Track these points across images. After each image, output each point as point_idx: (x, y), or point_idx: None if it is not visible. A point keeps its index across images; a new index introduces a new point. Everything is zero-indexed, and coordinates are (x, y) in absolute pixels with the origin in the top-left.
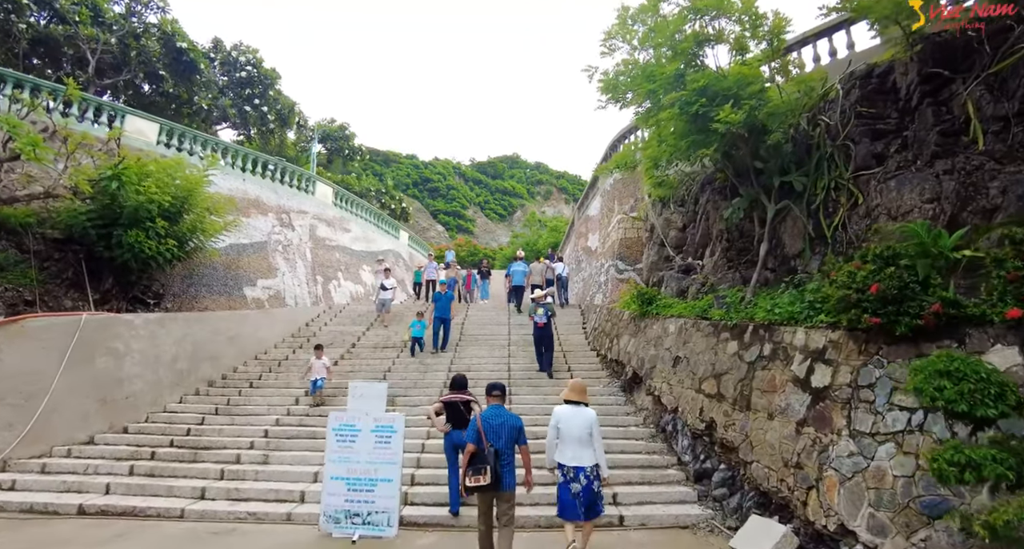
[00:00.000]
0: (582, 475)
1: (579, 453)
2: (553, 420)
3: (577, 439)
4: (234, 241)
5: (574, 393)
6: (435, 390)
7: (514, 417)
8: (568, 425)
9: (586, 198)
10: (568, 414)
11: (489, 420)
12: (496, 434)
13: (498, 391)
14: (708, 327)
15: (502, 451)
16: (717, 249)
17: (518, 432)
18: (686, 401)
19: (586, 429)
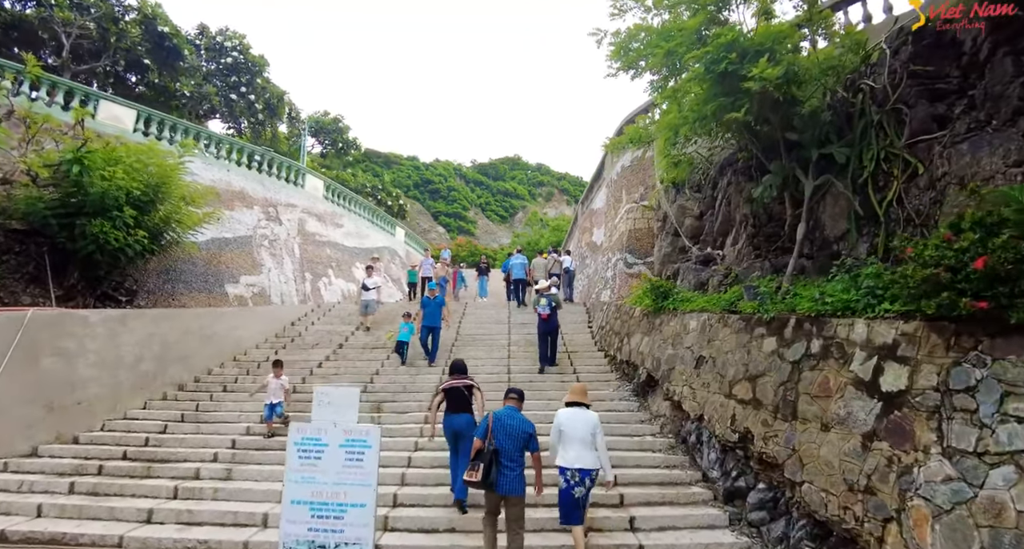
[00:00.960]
0: (587, 479)
1: (583, 455)
2: (556, 422)
3: (580, 441)
4: (216, 235)
5: (575, 395)
6: (425, 396)
7: (527, 423)
8: (571, 427)
9: (590, 191)
10: (570, 416)
11: (502, 419)
12: (505, 435)
13: (515, 395)
14: (738, 322)
15: (508, 453)
16: (741, 236)
17: (528, 438)
18: (713, 408)
19: (589, 431)
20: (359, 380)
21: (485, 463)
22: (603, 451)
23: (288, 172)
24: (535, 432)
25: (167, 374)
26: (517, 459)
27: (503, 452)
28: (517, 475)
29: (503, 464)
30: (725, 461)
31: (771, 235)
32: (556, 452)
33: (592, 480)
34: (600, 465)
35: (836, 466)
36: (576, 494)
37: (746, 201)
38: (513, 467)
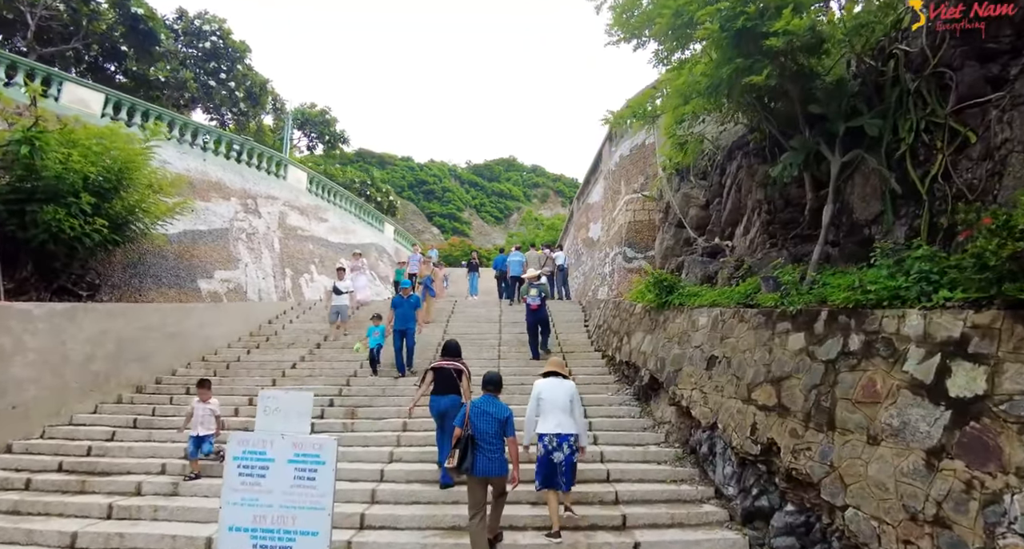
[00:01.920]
0: (565, 444)
1: (562, 421)
2: (534, 392)
3: (560, 408)
4: (189, 227)
5: (554, 367)
6: (406, 400)
7: (504, 409)
8: (551, 395)
9: (586, 185)
10: (549, 385)
11: (479, 407)
12: (482, 421)
13: (492, 385)
14: (757, 317)
15: (488, 439)
16: (754, 224)
17: (504, 423)
18: (729, 414)
19: (567, 398)
20: (335, 382)
21: (461, 449)
22: (580, 418)
23: (269, 163)
24: (512, 417)
25: (123, 375)
26: (495, 443)
27: (481, 437)
28: (497, 457)
29: (481, 448)
30: (743, 476)
31: (788, 222)
32: (533, 424)
33: (571, 446)
34: (577, 431)
35: (891, 489)
36: (555, 459)
37: (759, 185)
38: (492, 450)
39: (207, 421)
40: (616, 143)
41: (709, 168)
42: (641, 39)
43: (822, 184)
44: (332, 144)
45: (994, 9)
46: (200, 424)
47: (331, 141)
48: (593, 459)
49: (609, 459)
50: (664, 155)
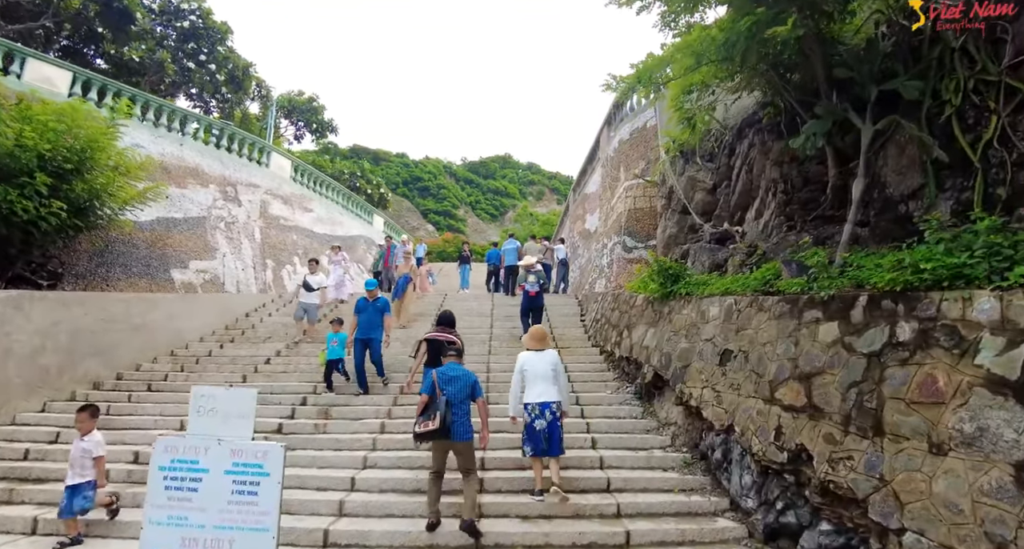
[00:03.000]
0: (547, 411)
1: (545, 389)
2: (518, 365)
3: (543, 377)
4: (163, 214)
5: (535, 341)
6: (387, 398)
7: (469, 373)
8: (534, 366)
9: (583, 175)
10: (532, 357)
11: (445, 373)
12: (453, 386)
13: (454, 351)
14: (780, 305)
15: (456, 402)
16: (768, 206)
17: (472, 386)
18: (747, 416)
19: (551, 367)
20: (311, 379)
21: (441, 411)
22: (563, 385)
23: (251, 149)
24: (478, 380)
25: (78, 369)
26: (464, 407)
27: (453, 403)
28: (467, 421)
29: (453, 412)
30: (766, 487)
31: (808, 202)
32: (518, 397)
33: (553, 412)
34: (560, 398)
35: (968, 511)
36: (537, 426)
37: (774, 163)
38: (462, 413)
39: (81, 464)
40: (615, 127)
41: (716, 149)
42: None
43: (846, 159)
44: (320, 133)
45: (994, 9)
46: (72, 468)
47: (319, 130)
48: (592, 465)
49: (609, 465)
50: (667, 136)
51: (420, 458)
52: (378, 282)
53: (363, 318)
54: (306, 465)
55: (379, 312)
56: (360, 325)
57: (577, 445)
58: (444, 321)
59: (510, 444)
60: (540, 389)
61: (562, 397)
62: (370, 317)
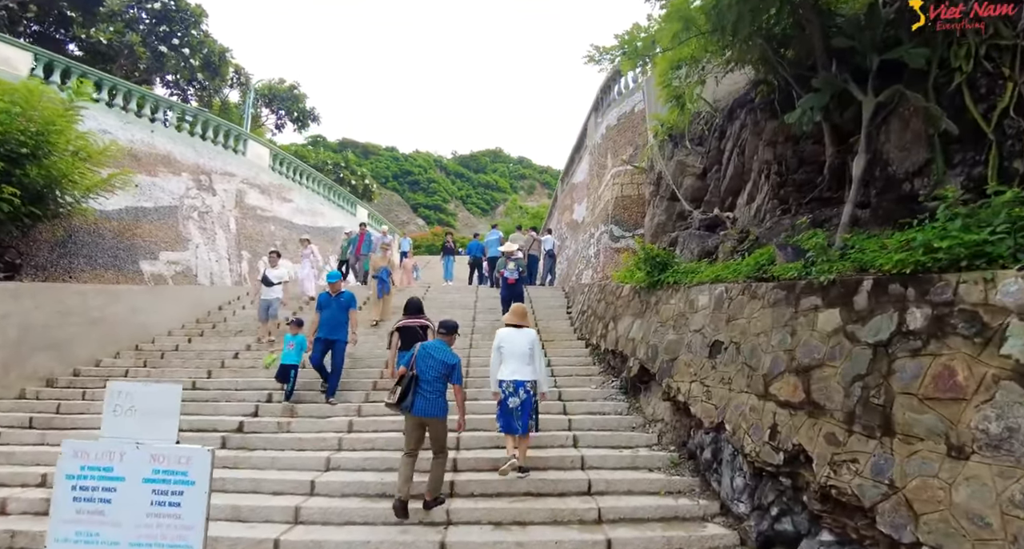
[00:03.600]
0: (521, 389)
1: (520, 368)
2: (496, 342)
3: (519, 356)
4: (132, 203)
5: (515, 317)
6: (358, 394)
7: (452, 355)
8: (511, 344)
9: (571, 163)
10: (511, 334)
11: (427, 350)
12: (428, 365)
13: (445, 329)
14: (775, 292)
15: (429, 381)
16: (761, 189)
17: (450, 368)
18: (739, 413)
19: (528, 346)
20: None
21: (403, 387)
22: (540, 365)
23: (226, 137)
24: (459, 365)
25: (28, 365)
26: (437, 387)
27: (423, 379)
28: (436, 400)
29: (422, 388)
30: (759, 490)
31: (804, 184)
32: (496, 373)
33: (527, 391)
34: (536, 377)
35: (996, 526)
36: (511, 404)
37: (767, 144)
38: (431, 392)
39: None
40: (603, 113)
41: (706, 132)
42: None
43: (844, 136)
44: (302, 122)
45: (994, 9)
46: None
47: (300, 119)
48: (572, 465)
49: (591, 465)
50: (656, 119)
51: (388, 460)
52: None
53: (325, 315)
54: (264, 467)
55: (343, 308)
56: (322, 323)
57: (558, 443)
58: (412, 308)
59: (486, 443)
60: (515, 366)
61: (539, 377)
62: (333, 315)
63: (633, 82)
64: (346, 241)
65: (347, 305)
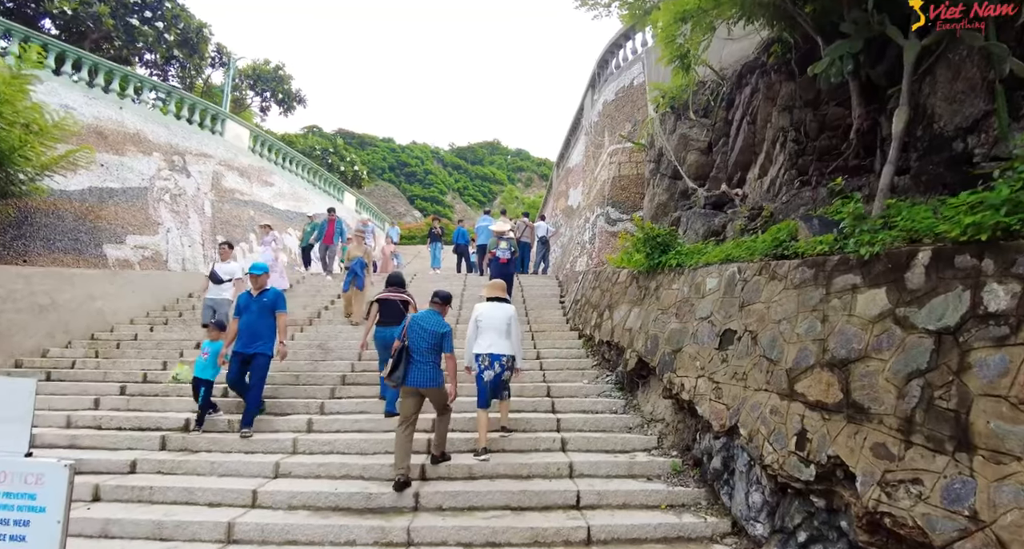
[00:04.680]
0: (497, 363)
1: (497, 342)
2: (474, 315)
3: (496, 330)
4: (96, 184)
5: (495, 291)
6: (324, 389)
7: (443, 324)
8: (489, 317)
9: (567, 147)
10: (490, 308)
11: (418, 320)
12: (419, 335)
13: (439, 299)
14: (800, 271)
15: (421, 351)
16: (776, 160)
17: (441, 337)
18: (756, 415)
19: (505, 321)
20: None
21: (395, 359)
22: (517, 340)
23: (203, 116)
24: (450, 333)
25: None
26: (430, 357)
27: (415, 350)
28: (430, 370)
29: (415, 360)
30: (783, 510)
31: (826, 151)
32: (472, 344)
33: (503, 366)
34: (514, 353)
35: None
36: (486, 377)
37: (783, 109)
38: (425, 362)
39: None
40: (599, 89)
41: (712, 103)
42: None
43: (875, 94)
44: (287, 104)
45: (994, 9)
46: None
47: (286, 101)
48: (559, 473)
49: (581, 473)
50: (657, 89)
51: (347, 465)
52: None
53: (244, 321)
54: (204, 472)
55: (266, 311)
56: (240, 332)
57: (543, 446)
58: (394, 281)
59: (462, 446)
60: (491, 340)
61: (516, 352)
62: (252, 320)
63: (632, 53)
64: (310, 226)
65: (271, 306)
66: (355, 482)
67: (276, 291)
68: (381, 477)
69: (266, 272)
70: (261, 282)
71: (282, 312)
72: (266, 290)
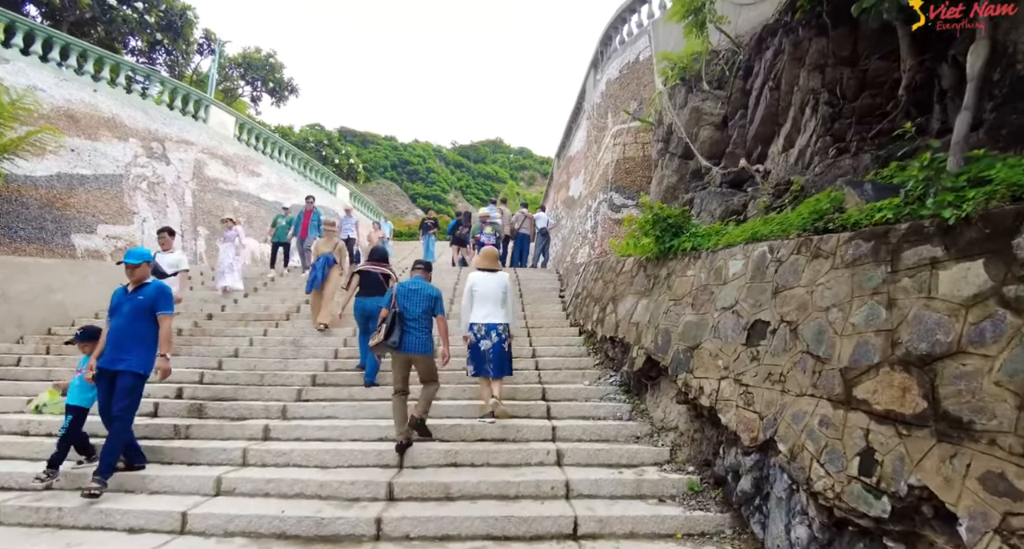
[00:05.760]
0: (494, 332)
1: (494, 311)
2: (468, 284)
3: (493, 299)
4: (65, 170)
5: (487, 261)
6: (286, 390)
7: (433, 289)
8: (484, 287)
9: (568, 135)
10: (484, 277)
11: (406, 286)
12: (409, 300)
13: (422, 265)
14: (854, 244)
15: (413, 316)
16: (806, 128)
17: (434, 301)
18: (801, 427)
19: (501, 289)
20: (203, 365)
21: (388, 324)
22: (512, 308)
23: (185, 101)
24: (441, 297)
25: None
26: (422, 321)
27: (409, 316)
28: (423, 336)
29: (408, 325)
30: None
31: (868, 112)
32: (468, 315)
33: (499, 334)
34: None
35: None
36: (482, 347)
37: (813, 68)
38: (418, 328)
39: None
40: (602, 68)
41: (727, 73)
42: None
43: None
44: (279, 94)
45: (994, 9)
46: None
47: (277, 90)
48: (553, 493)
49: (579, 493)
50: (665, 59)
51: (301, 481)
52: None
53: (112, 327)
54: (132, 489)
55: (142, 314)
56: (108, 340)
57: (536, 460)
58: (377, 255)
59: (440, 461)
60: (488, 310)
61: (510, 320)
62: (121, 326)
63: (638, 27)
64: (284, 220)
65: (147, 306)
66: (308, 503)
67: (158, 285)
68: (340, 496)
69: (147, 261)
70: (139, 275)
71: (165, 314)
72: (144, 285)
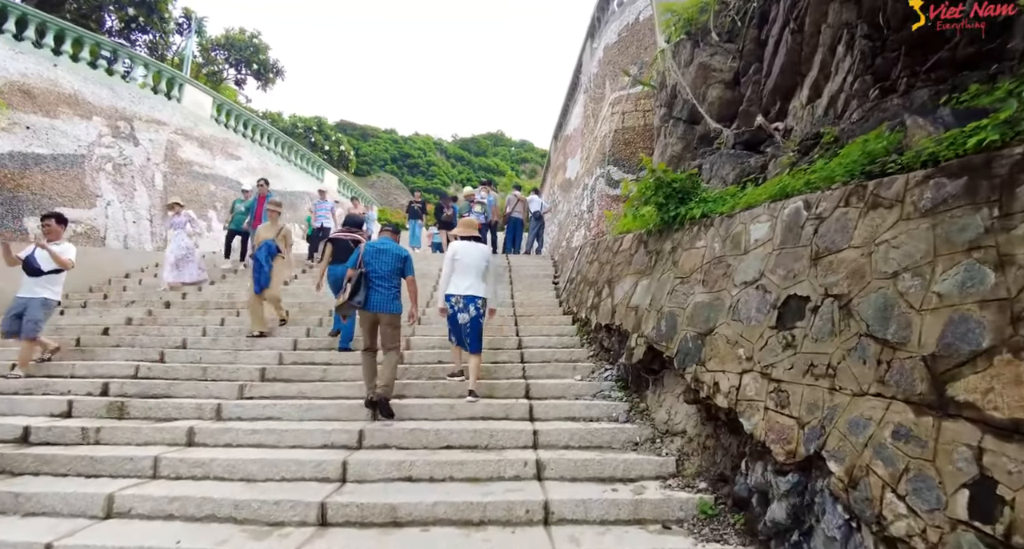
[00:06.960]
0: (472, 306)
1: (475, 283)
2: (449, 253)
3: (475, 271)
4: (18, 148)
5: (468, 229)
6: (236, 387)
7: (401, 249)
8: (466, 257)
9: (564, 114)
10: (466, 247)
11: (374, 246)
12: (377, 260)
13: (391, 227)
14: (936, 187)
15: (381, 275)
16: (838, 71)
17: (403, 261)
18: (859, 438)
19: (484, 260)
20: (145, 357)
21: (354, 283)
22: (492, 281)
23: (156, 79)
24: (410, 257)
25: None
26: (390, 281)
27: (377, 275)
28: (390, 295)
29: (375, 283)
30: None
31: (917, 44)
32: (447, 284)
33: (478, 308)
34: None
35: None
36: (460, 320)
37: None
38: (386, 287)
39: None
40: (599, 34)
41: (738, 23)
42: None
43: None
44: (264, 76)
45: (994, 9)
46: None
47: (261, 72)
48: (528, 517)
49: (562, 518)
50: (668, 10)
51: (212, 500)
52: None
53: None
54: (5, 509)
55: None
56: None
57: (510, 473)
58: (351, 222)
59: (392, 473)
60: (469, 282)
61: (489, 294)
62: None
63: None
64: (244, 205)
65: None
66: (217, 528)
67: None
68: (260, 520)
69: None
70: None
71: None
72: None
